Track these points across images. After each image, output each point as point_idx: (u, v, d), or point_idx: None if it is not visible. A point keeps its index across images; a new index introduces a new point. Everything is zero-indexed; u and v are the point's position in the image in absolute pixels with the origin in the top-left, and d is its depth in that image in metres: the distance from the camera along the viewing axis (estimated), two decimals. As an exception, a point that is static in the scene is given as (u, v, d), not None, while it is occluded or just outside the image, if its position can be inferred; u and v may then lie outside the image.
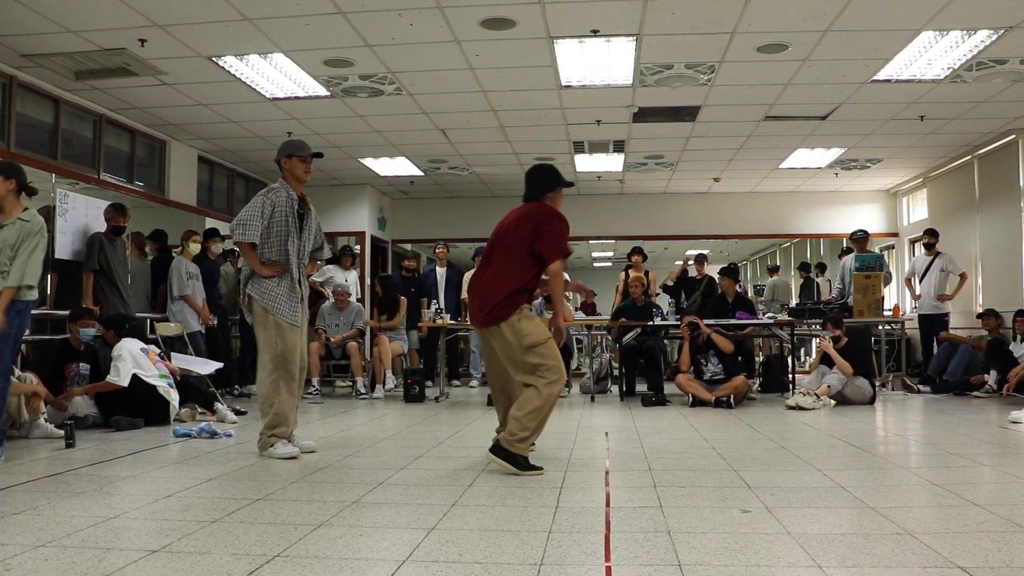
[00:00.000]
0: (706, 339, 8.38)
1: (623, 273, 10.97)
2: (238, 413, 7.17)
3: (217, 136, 10.06)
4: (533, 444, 4.80)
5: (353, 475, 4.45)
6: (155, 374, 6.67)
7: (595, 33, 6.79)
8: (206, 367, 7.80)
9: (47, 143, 7.98)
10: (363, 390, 9.43)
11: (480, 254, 10.87)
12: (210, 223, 10.55)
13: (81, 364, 6.67)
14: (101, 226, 7.72)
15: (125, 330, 6.90)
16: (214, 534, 3.13)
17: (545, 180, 4.98)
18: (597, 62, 7.47)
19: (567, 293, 10.65)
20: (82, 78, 7.63)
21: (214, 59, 7.32)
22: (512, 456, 4.50)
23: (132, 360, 6.57)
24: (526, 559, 2.79)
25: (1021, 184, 9.91)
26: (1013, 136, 9.98)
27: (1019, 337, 9.20)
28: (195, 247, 8.86)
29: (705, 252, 11.81)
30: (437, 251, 11.50)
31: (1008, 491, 3.96)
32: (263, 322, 5.14)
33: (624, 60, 7.40)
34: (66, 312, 6.97)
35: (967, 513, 3.40)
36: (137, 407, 6.48)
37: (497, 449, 4.56)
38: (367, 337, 9.81)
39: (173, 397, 6.70)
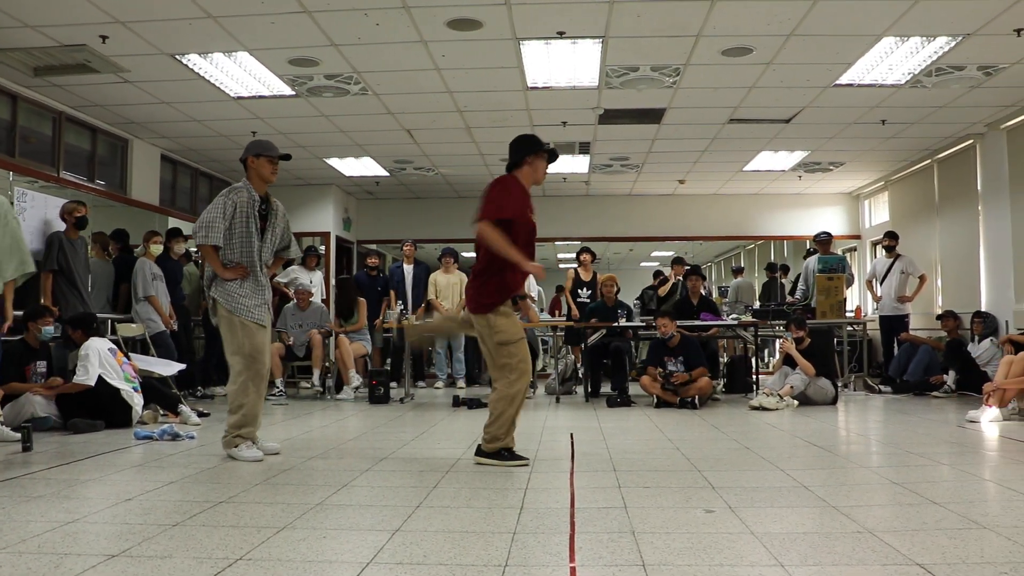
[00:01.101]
0: (677, 343, 8.37)
1: (571, 271, 11.01)
2: (201, 415, 7.09)
3: (180, 135, 9.95)
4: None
5: (317, 477, 4.42)
6: (120, 376, 6.58)
7: (561, 35, 6.80)
8: (168, 368, 7.71)
9: (5, 140, 7.84)
10: (318, 383, 9.38)
11: (447, 254, 10.87)
12: (173, 223, 10.43)
13: (39, 363, 6.56)
14: (60, 225, 7.60)
15: (93, 329, 6.77)
16: (175, 538, 3.09)
17: (519, 147, 4.97)
18: (563, 64, 7.49)
19: (531, 294, 10.69)
20: (41, 74, 7.51)
21: (177, 57, 7.24)
22: (494, 454, 4.80)
23: (99, 360, 6.46)
24: (491, 560, 2.79)
25: (979, 188, 10.09)
26: (971, 141, 10.15)
27: (977, 338, 9.37)
28: (156, 248, 8.75)
29: (681, 255, 11.89)
30: (405, 249, 11.42)
31: (965, 489, 4.02)
32: (229, 324, 5.08)
33: (590, 62, 7.43)
34: (20, 312, 6.85)
35: (926, 511, 3.45)
36: (99, 409, 6.37)
37: (480, 452, 4.88)
38: (332, 338, 9.75)
39: (136, 402, 6.60)
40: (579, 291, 10.75)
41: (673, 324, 8.37)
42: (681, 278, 10.59)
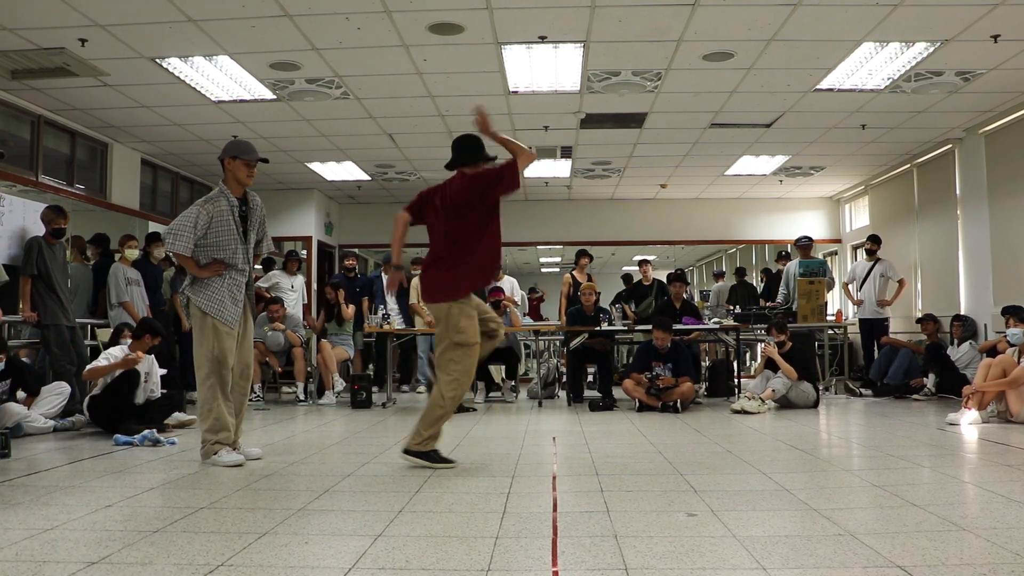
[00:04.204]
0: (669, 349, 8.35)
1: (568, 276, 11.00)
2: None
3: (161, 139, 9.90)
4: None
5: (299, 482, 4.40)
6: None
7: (543, 39, 6.82)
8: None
9: (-18, 144, 7.78)
10: (302, 396, 9.34)
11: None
12: (153, 227, 10.38)
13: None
14: (39, 229, 7.53)
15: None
16: (156, 544, 3.07)
17: (463, 152, 5.16)
18: (545, 68, 7.51)
19: (516, 299, 10.67)
20: (19, 77, 7.45)
21: (157, 60, 7.20)
22: (424, 454, 4.84)
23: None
24: (473, 565, 2.78)
25: (957, 192, 10.17)
26: (950, 145, 10.25)
27: (956, 341, 9.44)
28: (132, 252, 8.64)
29: (649, 257, 11.90)
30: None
31: (944, 491, 4.05)
32: (200, 325, 5.00)
33: (571, 66, 7.45)
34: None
35: (906, 513, 3.47)
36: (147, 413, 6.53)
37: (407, 451, 4.88)
38: (312, 342, 9.71)
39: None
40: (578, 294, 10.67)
41: (669, 336, 8.33)
42: (661, 280, 10.61)
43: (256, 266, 5.63)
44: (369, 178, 12.23)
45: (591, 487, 4.19)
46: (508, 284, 10.74)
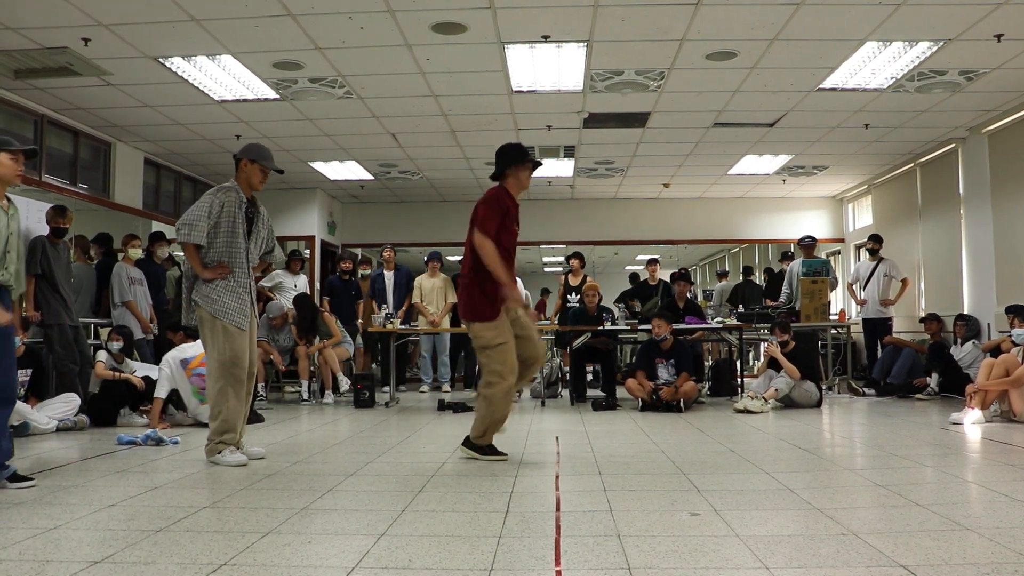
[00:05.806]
0: (670, 346, 8.36)
1: (563, 277, 11.07)
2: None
3: (164, 138, 9.90)
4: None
5: (302, 481, 4.40)
6: (188, 390, 6.85)
7: (546, 39, 6.81)
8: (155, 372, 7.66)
9: (-14, 144, 7.77)
10: (306, 395, 9.33)
11: (432, 258, 10.86)
12: (156, 227, 10.38)
13: (20, 371, 6.47)
14: (43, 229, 7.53)
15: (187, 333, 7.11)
16: (159, 543, 3.07)
17: (505, 157, 5.16)
18: (548, 67, 7.50)
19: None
20: (22, 77, 7.46)
21: (161, 60, 7.20)
22: (476, 447, 5.09)
23: (170, 375, 6.77)
24: (476, 564, 2.78)
25: (961, 192, 10.16)
26: (953, 145, 10.23)
27: (959, 341, 9.42)
28: (135, 252, 8.63)
29: (657, 257, 11.91)
30: (384, 255, 11.35)
31: (948, 491, 4.05)
32: (210, 328, 5.02)
33: (575, 66, 7.44)
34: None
35: (909, 513, 3.47)
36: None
37: (465, 441, 5.16)
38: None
39: (202, 413, 6.66)
40: (568, 296, 10.71)
41: (668, 326, 8.32)
42: (667, 279, 10.62)
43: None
44: (372, 177, 12.23)
45: (594, 486, 4.19)
46: (512, 283, 10.72)
